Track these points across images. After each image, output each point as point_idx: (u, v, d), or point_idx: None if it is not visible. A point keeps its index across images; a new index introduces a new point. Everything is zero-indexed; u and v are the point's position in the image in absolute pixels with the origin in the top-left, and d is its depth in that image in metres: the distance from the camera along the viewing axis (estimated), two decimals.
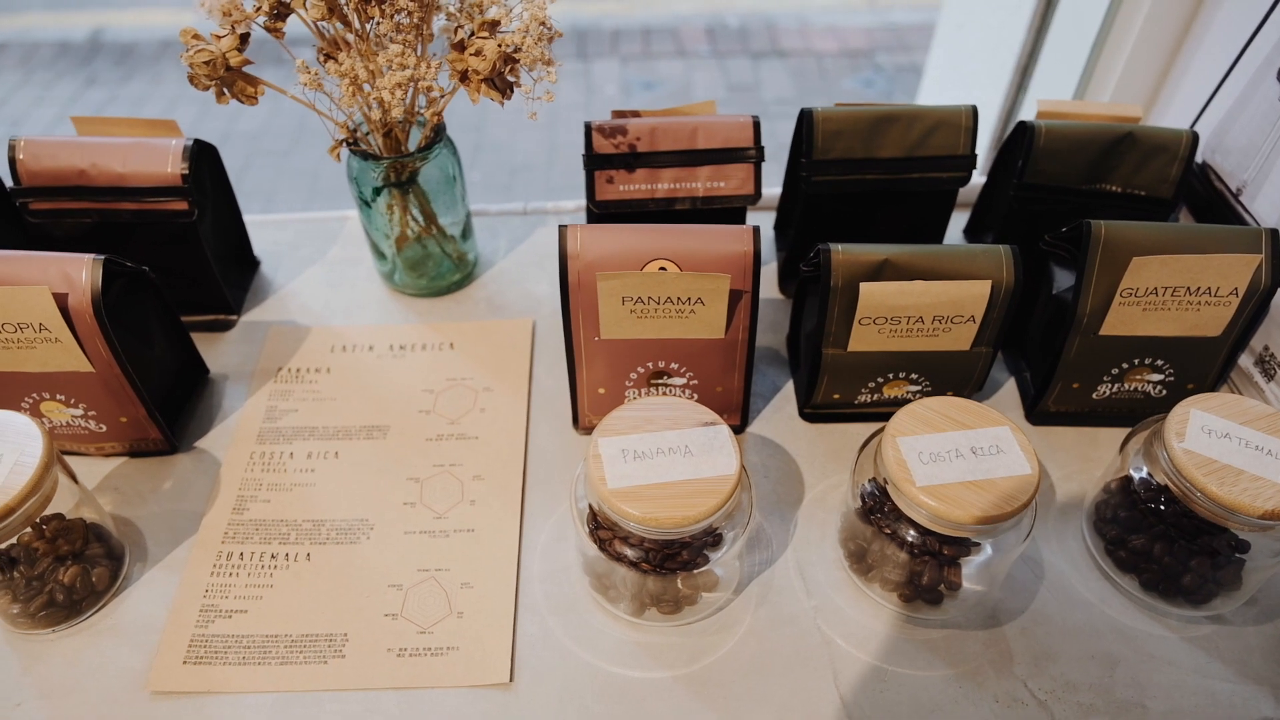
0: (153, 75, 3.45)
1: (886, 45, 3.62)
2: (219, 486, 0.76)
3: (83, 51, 3.52)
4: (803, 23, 3.68)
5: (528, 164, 2.83)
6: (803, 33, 3.63)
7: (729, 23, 3.62)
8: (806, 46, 3.57)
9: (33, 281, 0.67)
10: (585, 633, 0.68)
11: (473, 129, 3.01)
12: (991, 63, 1.27)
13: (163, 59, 3.54)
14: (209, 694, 0.65)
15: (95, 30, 3.62)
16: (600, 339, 0.73)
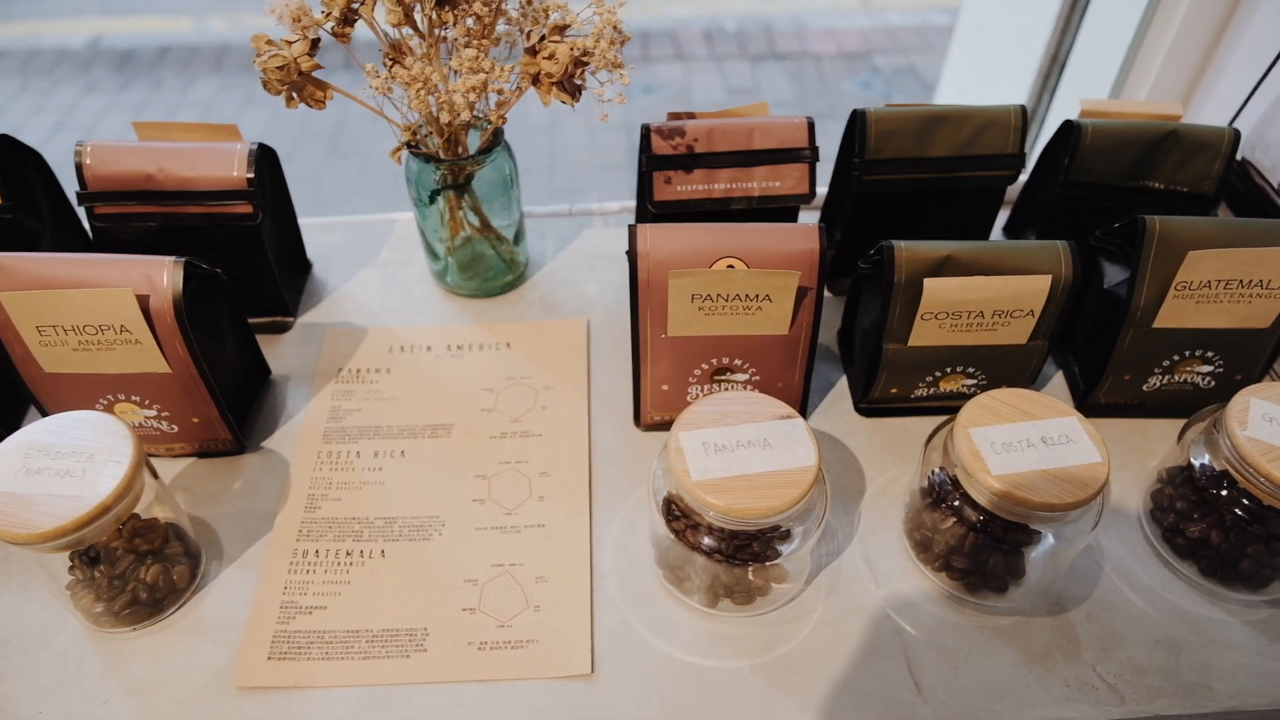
0: (152, 82, 3.45)
1: (883, 47, 3.65)
2: (289, 485, 0.77)
3: (81, 58, 3.51)
4: (799, 25, 3.71)
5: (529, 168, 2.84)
6: (799, 35, 3.65)
7: (727, 26, 3.65)
8: (804, 49, 3.60)
9: (115, 284, 0.68)
10: (661, 624, 0.69)
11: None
12: (1014, 64, 1.29)
13: (161, 65, 3.54)
14: (295, 689, 0.66)
15: (94, 37, 3.61)
16: (667, 336, 0.74)
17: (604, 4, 0.70)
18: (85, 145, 0.79)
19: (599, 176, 2.83)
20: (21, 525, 0.59)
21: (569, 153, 2.92)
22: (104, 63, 3.52)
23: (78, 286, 0.68)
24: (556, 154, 2.92)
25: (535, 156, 2.88)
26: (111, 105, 3.34)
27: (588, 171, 2.85)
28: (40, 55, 3.56)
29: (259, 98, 3.35)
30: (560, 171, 2.84)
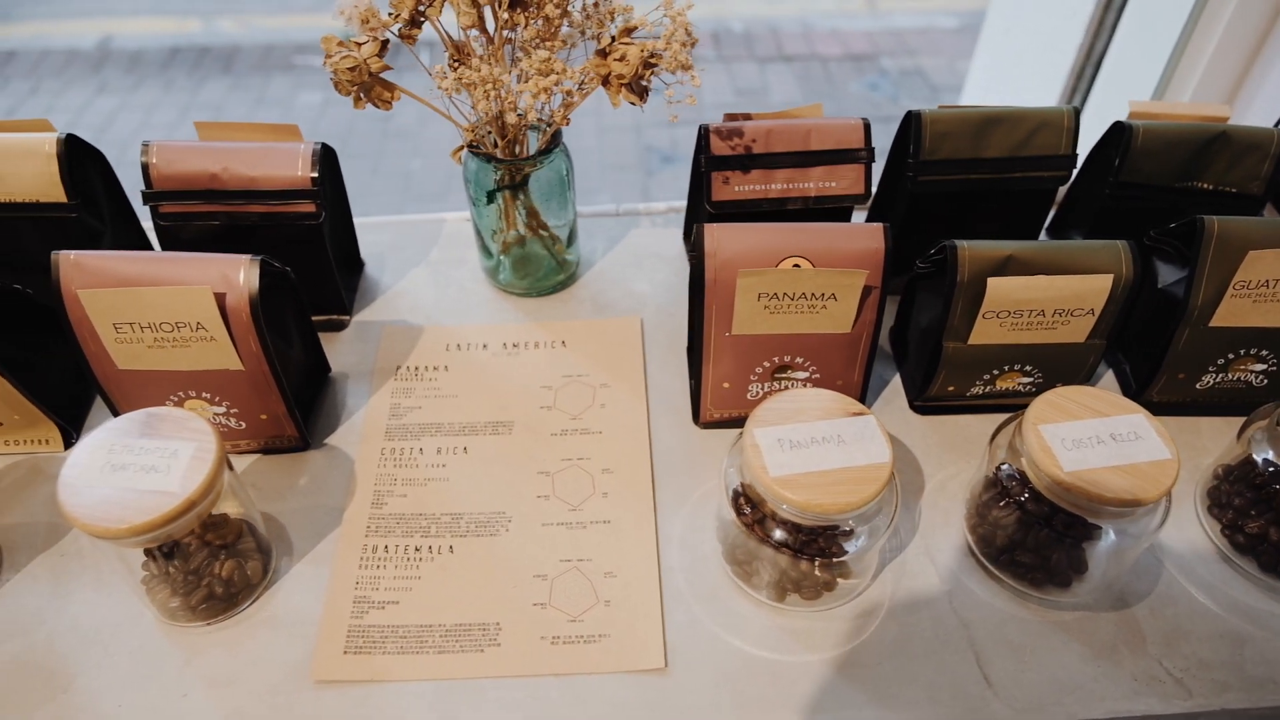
0: (163, 82, 3.45)
1: (890, 49, 3.66)
2: (355, 482, 0.78)
3: (92, 59, 3.51)
4: (806, 27, 3.72)
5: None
6: (806, 37, 3.67)
7: (734, 28, 3.66)
8: (811, 51, 3.61)
9: (193, 282, 0.68)
10: (731, 619, 0.70)
11: None
12: (1044, 66, 1.30)
13: (171, 66, 3.54)
14: (371, 682, 0.67)
15: (103, 38, 3.61)
16: (730, 334, 0.75)
17: (673, 6, 0.71)
18: (151, 145, 0.80)
19: (609, 178, 2.84)
20: (111, 520, 0.60)
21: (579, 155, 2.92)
22: (114, 63, 3.52)
23: (155, 284, 0.68)
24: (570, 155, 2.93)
25: None
26: (123, 106, 3.34)
27: (598, 172, 2.86)
28: (51, 56, 3.56)
29: (270, 99, 3.36)
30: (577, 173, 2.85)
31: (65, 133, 0.80)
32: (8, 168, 0.79)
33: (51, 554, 0.74)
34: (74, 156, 0.80)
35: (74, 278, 0.69)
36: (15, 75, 3.48)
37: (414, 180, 2.82)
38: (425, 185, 2.80)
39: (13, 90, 3.43)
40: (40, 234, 0.82)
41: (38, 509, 0.77)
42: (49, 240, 0.82)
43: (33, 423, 0.78)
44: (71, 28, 3.76)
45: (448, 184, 2.79)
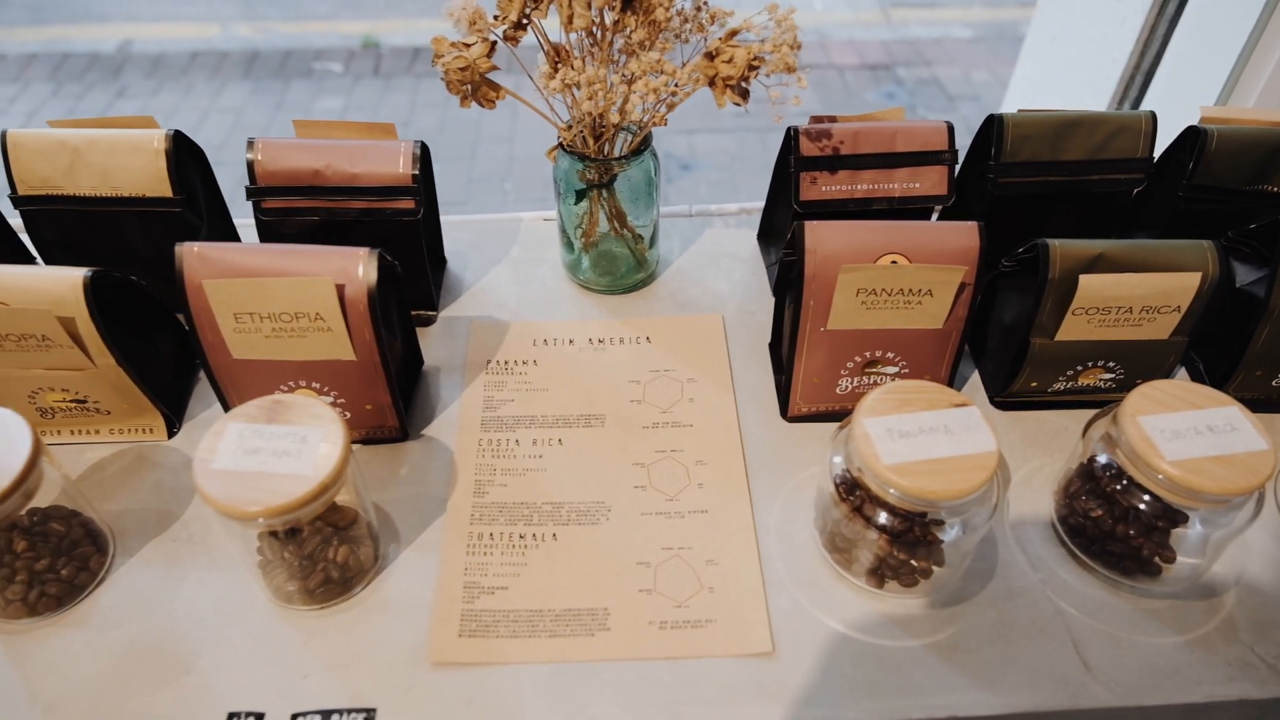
0: (183, 87, 3.47)
1: (905, 59, 3.69)
2: (455, 472, 0.80)
3: (113, 63, 3.53)
4: (822, 37, 3.76)
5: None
6: (823, 47, 3.70)
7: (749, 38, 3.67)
8: (827, 60, 3.65)
9: (314, 273, 0.70)
10: (832, 605, 0.72)
11: (504, 140, 3.06)
12: (1093, 73, 1.32)
13: (191, 70, 3.56)
14: (488, 665, 0.68)
15: (124, 42, 3.63)
16: (825, 329, 0.77)
17: (778, 10, 0.73)
18: (257, 141, 0.82)
19: None
20: (246, 502, 0.62)
21: None
22: (135, 67, 3.54)
23: (277, 276, 0.70)
24: None
25: None
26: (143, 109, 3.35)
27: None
28: (71, 59, 3.58)
29: (289, 104, 3.38)
30: None
31: (172, 129, 0.82)
32: (116, 162, 0.81)
33: (163, 539, 0.76)
34: (179, 153, 0.82)
35: (198, 268, 0.71)
36: (36, 78, 3.50)
37: None
38: (448, 191, 2.83)
39: (34, 93, 3.45)
40: (144, 228, 0.84)
41: (146, 496, 0.79)
42: (152, 234, 0.84)
43: (139, 411, 0.80)
44: (92, 32, 3.78)
45: (468, 190, 2.82)
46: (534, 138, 3.04)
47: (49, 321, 0.70)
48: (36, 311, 0.69)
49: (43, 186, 0.82)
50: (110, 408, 0.78)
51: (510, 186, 2.82)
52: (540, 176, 2.83)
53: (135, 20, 3.84)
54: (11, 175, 0.82)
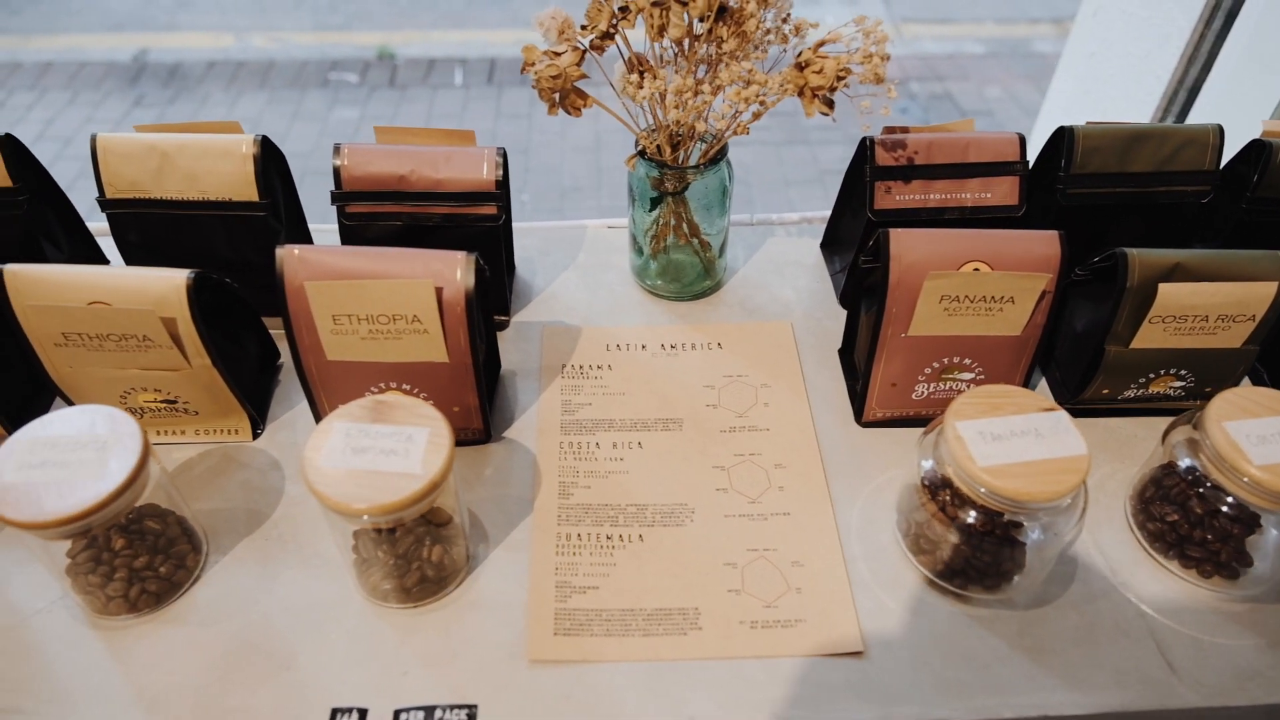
0: (199, 96, 3.49)
1: (918, 74, 3.72)
2: (539, 474, 0.81)
3: (129, 72, 3.55)
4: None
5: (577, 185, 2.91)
6: None
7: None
8: None
9: (413, 276, 0.72)
10: (918, 606, 0.73)
11: (521, 151, 3.08)
12: (1135, 88, 1.34)
13: (207, 80, 3.58)
14: (584, 663, 0.69)
15: (140, 51, 3.65)
16: (906, 336, 0.79)
17: (865, 21, 0.75)
18: (343, 147, 0.83)
19: None
20: (359, 499, 0.63)
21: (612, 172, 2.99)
22: (151, 76, 3.56)
23: (377, 278, 0.71)
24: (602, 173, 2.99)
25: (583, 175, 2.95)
26: (160, 118, 3.38)
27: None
28: (88, 68, 3.60)
29: (305, 113, 3.40)
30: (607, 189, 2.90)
31: (260, 134, 0.83)
32: (204, 166, 0.83)
33: (255, 538, 0.77)
34: (266, 158, 0.84)
35: (298, 271, 0.72)
36: (53, 86, 3.51)
37: None
38: None
39: (50, 101, 3.47)
40: (228, 232, 0.86)
41: (234, 495, 0.80)
42: (235, 238, 0.86)
43: (227, 412, 0.81)
44: (107, 41, 3.79)
45: None
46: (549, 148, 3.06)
47: (152, 322, 0.71)
48: (140, 312, 0.70)
49: (130, 190, 0.83)
50: (199, 408, 0.80)
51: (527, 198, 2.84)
52: (556, 187, 2.85)
53: (150, 29, 3.86)
54: (100, 179, 0.83)
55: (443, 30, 3.94)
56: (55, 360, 0.75)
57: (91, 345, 0.73)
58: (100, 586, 0.70)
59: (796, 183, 3.10)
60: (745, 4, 0.73)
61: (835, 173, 3.12)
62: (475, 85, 3.53)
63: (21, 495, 0.63)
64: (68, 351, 0.74)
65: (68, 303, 0.71)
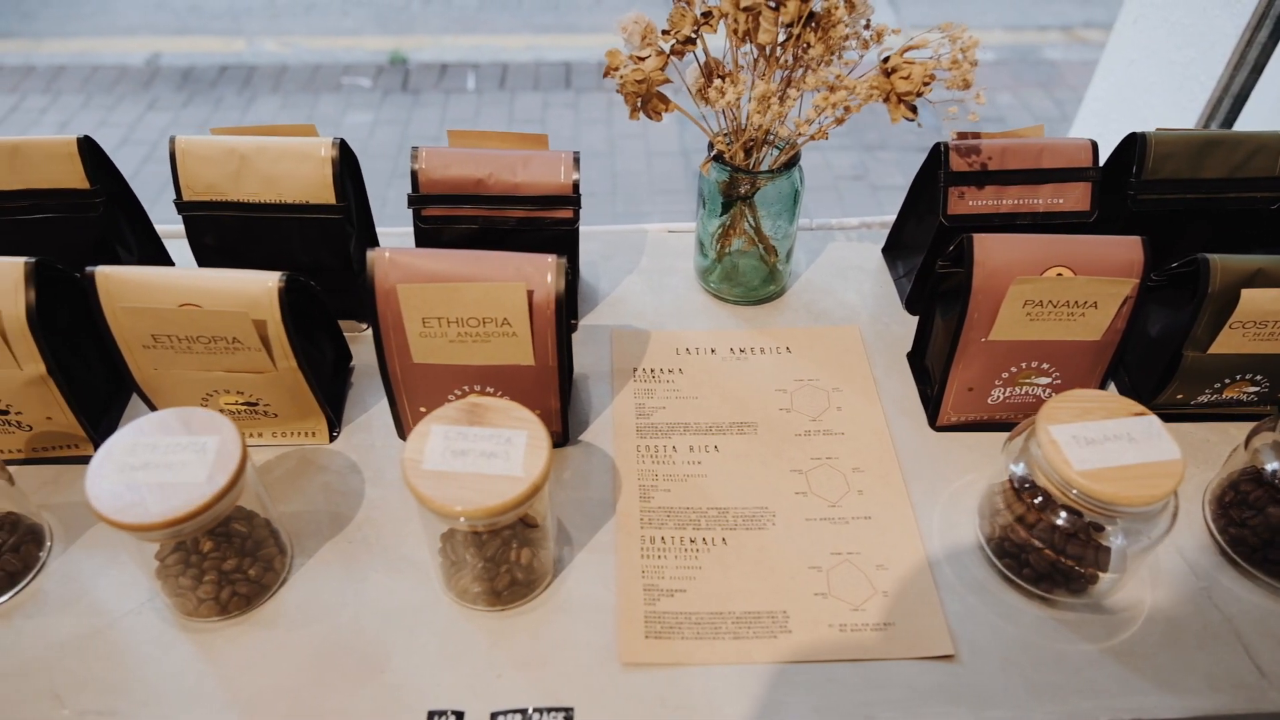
0: (213, 100, 3.49)
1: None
2: (618, 477, 0.81)
3: (142, 76, 3.54)
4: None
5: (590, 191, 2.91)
6: None
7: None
8: None
9: (504, 279, 0.72)
10: (1005, 610, 0.73)
11: None
12: (1178, 95, 1.35)
13: (220, 84, 3.58)
14: (676, 665, 0.69)
15: (152, 55, 3.64)
16: (986, 340, 0.79)
17: (951, 28, 0.75)
18: (421, 150, 0.83)
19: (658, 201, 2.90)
20: (464, 502, 0.63)
21: (628, 177, 3.00)
22: (164, 80, 3.55)
23: (467, 281, 0.71)
24: (617, 178, 3.00)
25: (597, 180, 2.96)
26: (174, 122, 3.38)
27: (647, 195, 2.93)
28: (101, 71, 3.59)
29: (319, 117, 3.40)
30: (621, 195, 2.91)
31: (338, 137, 0.83)
32: (282, 169, 0.83)
33: (338, 541, 0.77)
34: (344, 162, 0.84)
35: (389, 273, 0.72)
36: (66, 89, 3.51)
37: None
38: None
39: (64, 104, 3.46)
40: (303, 234, 0.86)
41: (315, 497, 0.79)
42: (310, 241, 0.86)
43: (306, 415, 0.81)
44: (119, 45, 3.79)
45: None
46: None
47: (244, 324, 0.71)
48: (233, 314, 0.70)
49: (208, 192, 0.83)
50: (279, 410, 0.79)
51: None
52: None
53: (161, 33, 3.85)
54: (178, 181, 0.83)
55: (453, 35, 3.94)
56: (141, 362, 0.75)
57: (179, 347, 0.73)
58: (191, 589, 0.70)
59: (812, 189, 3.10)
60: (834, 9, 0.73)
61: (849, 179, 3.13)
62: (488, 90, 3.54)
63: (125, 498, 0.63)
64: (155, 353, 0.74)
65: (159, 304, 0.71)
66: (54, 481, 0.80)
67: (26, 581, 0.73)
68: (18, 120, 3.30)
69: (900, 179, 2.99)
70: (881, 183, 3.00)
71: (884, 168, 3.08)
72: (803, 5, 0.72)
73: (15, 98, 3.41)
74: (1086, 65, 3.60)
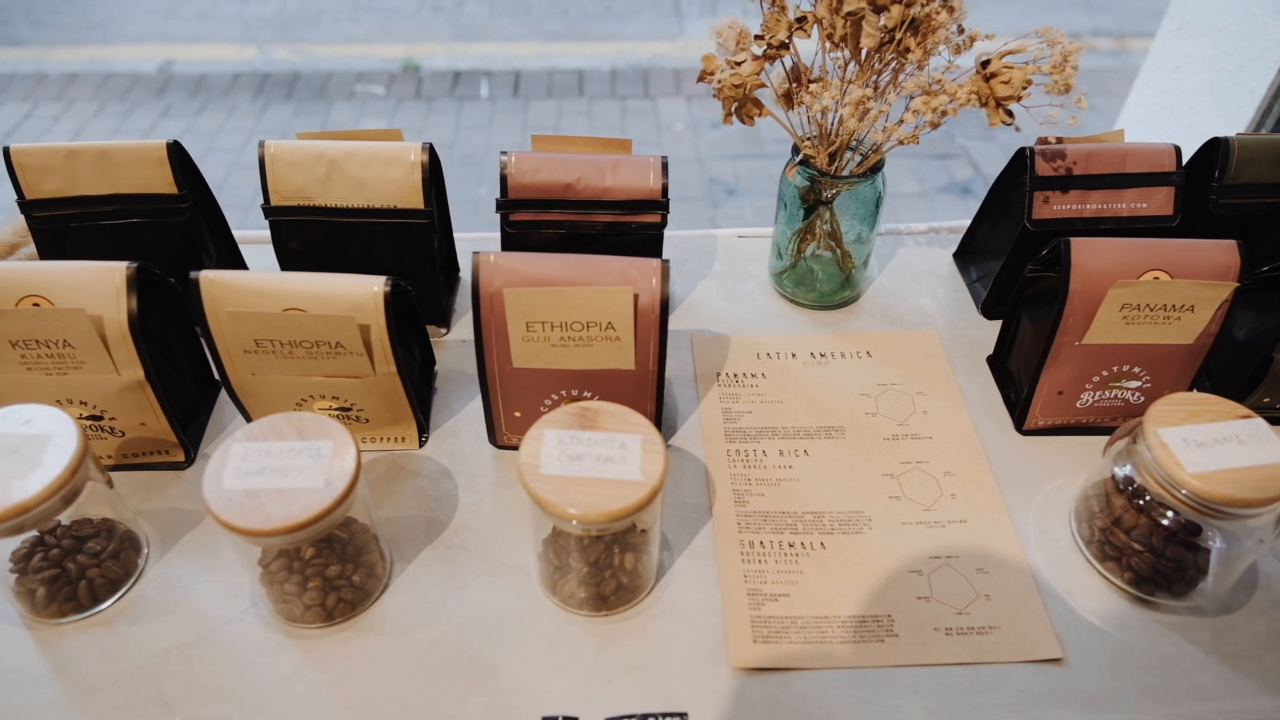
0: (227, 108, 3.48)
1: None
2: (712, 481, 0.81)
3: (155, 83, 3.54)
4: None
5: None
6: None
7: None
8: None
9: (609, 283, 0.72)
10: (1108, 613, 0.73)
11: None
12: (1225, 102, 1.36)
13: (233, 92, 3.57)
14: (787, 670, 0.69)
15: (165, 63, 3.64)
16: (1080, 344, 0.79)
17: (1050, 32, 0.75)
18: (510, 155, 0.83)
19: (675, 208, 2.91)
20: (589, 507, 0.62)
21: None
22: (178, 88, 3.55)
23: (570, 285, 0.71)
24: None
25: None
26: (188, 129, 3.37)
27: None
28: (114, 79, 3.58)
29: (333, 125, 3.39)
30: None
31: (427, 141, 0.83)
32: (371, 174, 0.82)
33: (437, 546, 0.76)
34: (433, 167, 0.84)
35: (494, 277, 0.72)
36: (80, 97, 3.50)
37: (482, 206, 2.88)
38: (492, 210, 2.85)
39: (78, 112, 3.45)
40: (389, 239, 0.85)
41: (409, 503, 0.79)
42: (395, 246, 0.85)
43: (398, 420, 0.80)
44: (130, 52, 3.78)
45: None
46: None
47: (350, 329, 0.71)
48: (340, 318, 0.70)
49: (295, 197, 0.83)
50: (372, 416, 0.79)
51: None
52: None
53: (171, 41, 3.85)
54: (266, 186, 0.83)
55: (464, 43, 3.95)
56: (239, 366, 0.75)
57: (280, 352, 0.73)
58: (297, 595, 0.69)
59: None
60: (936, 14, 0.74)
61: None
62: (501, 98, 3.54)
63: (245, 503, 0.62)
64: (254, 358, 0.74)
65: (264, 309, 0.71)
66: (144, 488, 0.80)
67: (127, 588, 0.73)
68: (31, 128, 3.29)
69: (914, 185, 3.00)
70: (896, 189, 3.01)
71: (899, 175, 3.09)
72: (905, 10, 0.72)
73: (28, 105, 3.40)
74: (1097, 74, 3.61)
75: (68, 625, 0.71)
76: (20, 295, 0.71)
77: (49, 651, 0.69)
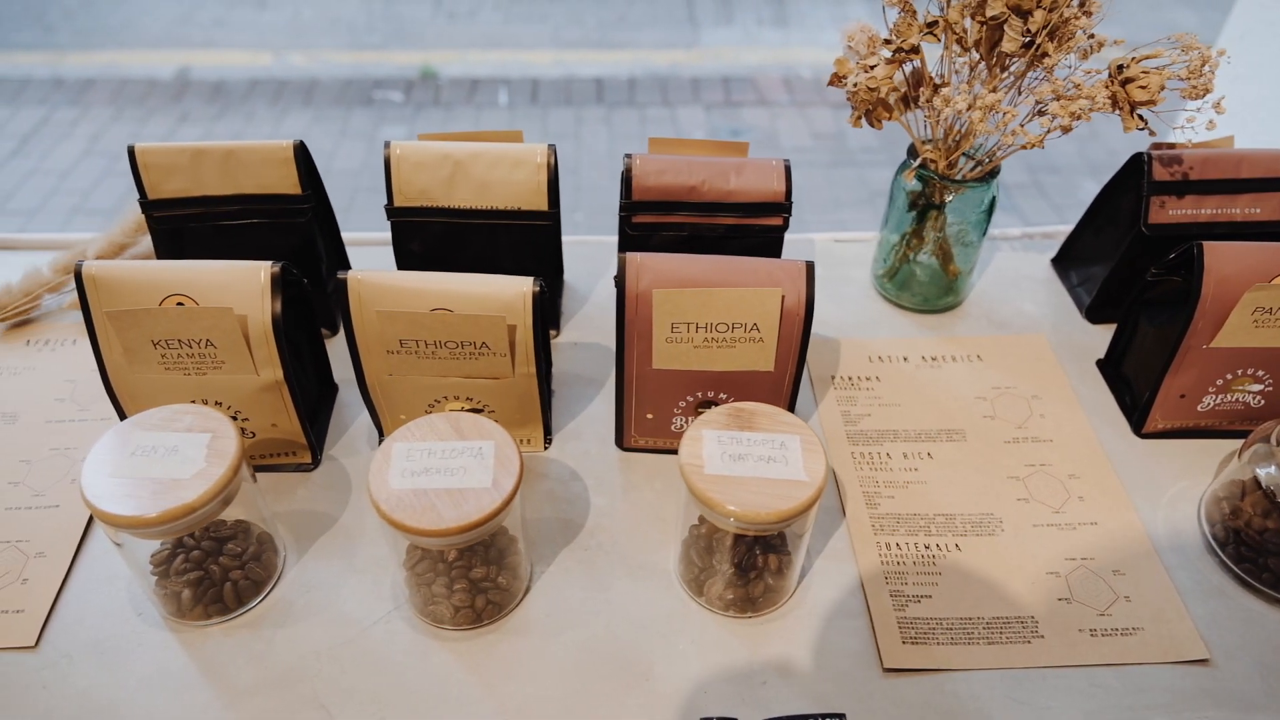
0: (245, 113, 3.47)
1: None
2: (840, 484, 0.81)
3: (172, 89, 3.52)
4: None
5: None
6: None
7: (803, 74, 3.74)
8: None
9: (755, 284, 0.72)
10: (1247, 613, 0.74)
11: (571, 172, 3.09)
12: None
13: (252, 97, 3.56)
14: (939, 671, 0.69)
15: (182, 68, 3.63)
16: (1208, 348, 0.80)
17: (1184, 38, 0.76)
18: (634, 158, 0.83)
19: None
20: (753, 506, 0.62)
21: None
22: (195, 93, 3.53)
23: (717, 285, 0.71)
24: None
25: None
26: (206, 135, 3.35)
27: None
28: (130, 84, 3.57)
29: (352, 131, 3.39)
30: None
31: (550, 144, 0.83)
32: (497, 175, 0.82)
33: (574, 548, 0.76)
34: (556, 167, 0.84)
35: (640, 276, 0.72)
36: (96, 102, 3.48)
37: None
38: None
39: (95, 116, 3.44)
40: (510, 240, 0.85)
41: (542, 505, 0.79)
42: (516, 247, 0.85)
43: (526, 422, 0.80)
44: (147, 57, 3.77)
45: None
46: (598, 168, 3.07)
47: (499, 329, 0.71)
48: (490, 318, 0.70)
49: (419, 198, 0.83)
50: (502, 417, 0.79)
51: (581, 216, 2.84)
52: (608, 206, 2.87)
53: (187, 46, 3.84)
54: (390, 187, 0.83)
55: (480, 50, 3.95)
56: (377, 367, 0.74)
57: (424, 352, 0.73)
58: (445, 597, 0.69)
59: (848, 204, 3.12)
60: (1076, 18, 0.74)
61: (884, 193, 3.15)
62: (520, 105, 3.54)
63: (415, 503, 0.62)
64: (395, 359, 0.73)
65: (413, 309, 0.70)
66: (272, 490, 0.80)
67: (269, 590, 0.72)
68: (49, 133, 3.27)
69: None
70: None
71: None
72: (1049, 14, 0.73)
73: (45, 110, 3.38)
74: None
75: (212, 627, 0.70)
76: (165, 294, 0.71)
77: (196, 654, 0.69)
